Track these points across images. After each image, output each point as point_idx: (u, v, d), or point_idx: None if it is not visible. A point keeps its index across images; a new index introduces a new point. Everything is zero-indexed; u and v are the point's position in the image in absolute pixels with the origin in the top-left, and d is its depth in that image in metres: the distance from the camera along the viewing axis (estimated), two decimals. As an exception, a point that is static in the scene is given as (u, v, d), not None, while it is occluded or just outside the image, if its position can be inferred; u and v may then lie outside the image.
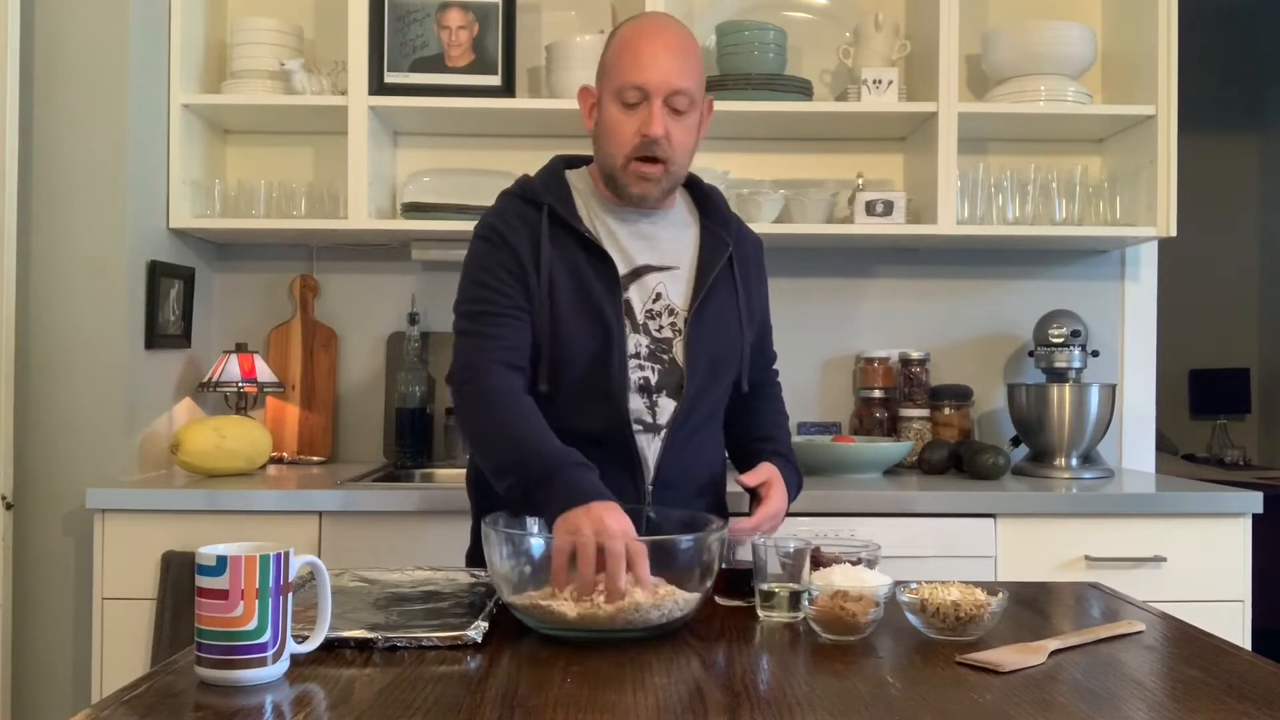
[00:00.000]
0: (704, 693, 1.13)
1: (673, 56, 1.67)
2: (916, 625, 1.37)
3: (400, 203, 2.84)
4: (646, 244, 1.74)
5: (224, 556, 1.14)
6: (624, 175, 1.69)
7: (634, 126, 1.66)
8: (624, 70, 1.67)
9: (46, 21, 2.49)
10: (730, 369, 1.77)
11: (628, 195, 1.71)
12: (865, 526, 2.37)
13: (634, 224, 1.75)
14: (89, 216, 2.49)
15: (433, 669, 1.20)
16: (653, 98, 1.65)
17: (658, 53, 1.66)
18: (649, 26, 1.71)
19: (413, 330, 2.90)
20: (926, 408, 2.89)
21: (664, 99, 1.65)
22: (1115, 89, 2.95)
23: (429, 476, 2.82)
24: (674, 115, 1.67)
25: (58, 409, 2.48)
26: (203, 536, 2.28)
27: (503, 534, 1.37)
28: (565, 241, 1.70)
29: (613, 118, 1.68)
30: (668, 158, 1.68)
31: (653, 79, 1.65)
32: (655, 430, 1.70)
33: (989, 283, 3.04)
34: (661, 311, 1.71)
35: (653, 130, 1.65)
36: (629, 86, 1.66)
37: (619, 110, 1.68)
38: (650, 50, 1.66)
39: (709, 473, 1.80)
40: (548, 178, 1.77)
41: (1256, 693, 1.15)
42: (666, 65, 1.65)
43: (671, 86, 1.65)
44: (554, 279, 1.68)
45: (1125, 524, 2.41)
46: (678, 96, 1.66)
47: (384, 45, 2.75)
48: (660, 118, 1.65)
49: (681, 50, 1.69)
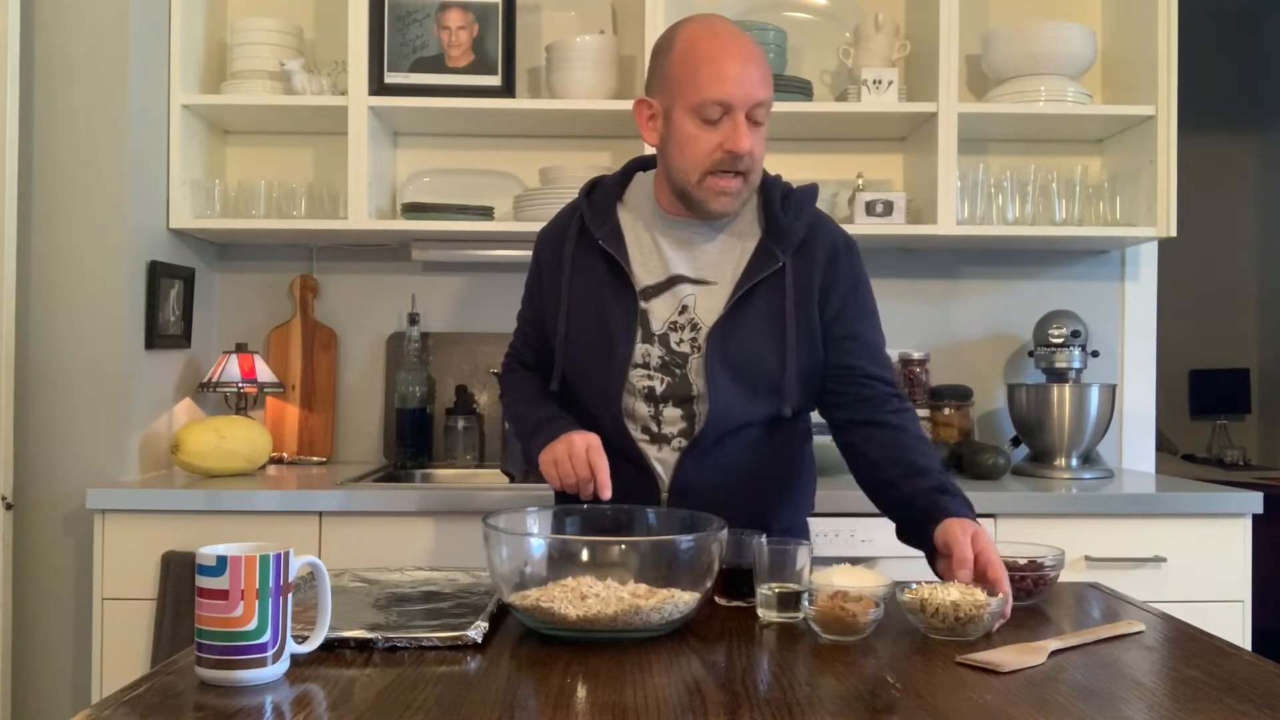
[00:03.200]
0: (704, 693, 1.13)
1: (752, 66, 1.61)
2: (916, 625, 1.37)
3: (400, 203, 2.84)
4: (688, 255, 1.71)
5: (224, 557, 1.14)
6: (700, 191, 1.64)
7: (715, 141, 1.61)
8: (704, 85, 1.60)
9: (46, 21, 2.49)
10: (764, 389, 1.68)
11: (706, 211, 1.66)
12: (865, 526, 2.37)
13: (681, 233, 1.71)
14: (89, 217, 2.49)
15: (433, 669, 1.20)
16: (736, 112, 1.60)
17: (738, 65, 1.60)
18: (721, 36, 1.63)
19: (413, 330, 2.90)
20: (926, 408, 2.89)
21: (747, 113, 1.61)
22: (1115, 89, 2.95)
23: (429, 477, 2.82)
24: (753, 126, 1.62)
25: (58, 409, 2.48)
26: (203, 537, 2.28)
27: (503, 534, 1.37)
28: (590, 248, 1.73)
29: (689, 133, 1.62)
30: (748, 169, 1.64)
31: (738, 94, 1.59)
32: (662, 440, 1.70)
33: (989, 283, 3.04)
34: (685, 325, 1.68)
35: (741, 147, 1.60)
36: (711, 102, 1.60)
37: (697, 126, 1.61)
38: (730, 63, 1.60)
39: (744, 481, 1.72)
40: (612, 177, 1.80)
41: (1256, 693, 1.15)
42: (750, 77, 1.60)
43: (755, 99, 1.61)
44: (571, 289, 1.74)
45: (1125, 524, 2.41)
46: (759, 109, 1.62)
47: (384, 45, 2.75)
48: (747, 133, 1.60)
49: (758, 59, 1.63)
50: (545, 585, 1.33)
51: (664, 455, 1.71)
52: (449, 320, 2.98)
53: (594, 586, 1.31)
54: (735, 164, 1.62)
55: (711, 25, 1.66)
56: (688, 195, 1.66)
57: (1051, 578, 1.54)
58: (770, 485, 1.77)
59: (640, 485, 1.69)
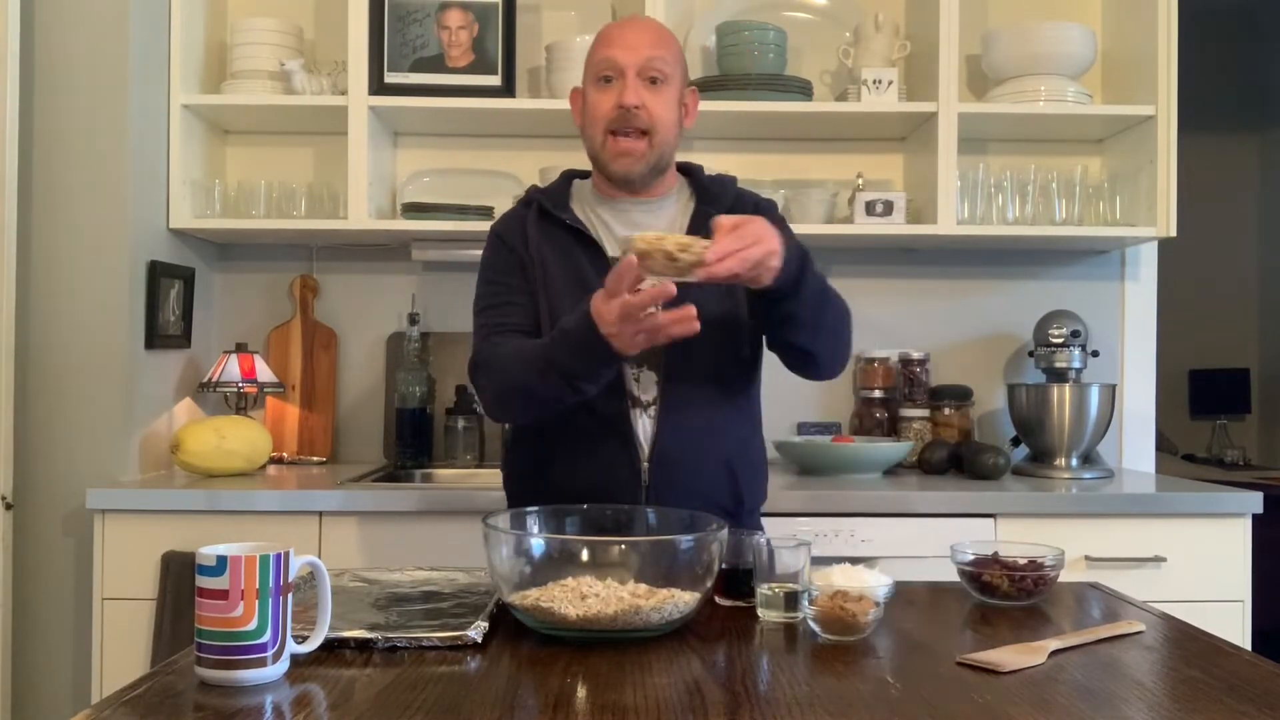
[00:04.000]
0: (704, 693, 1.13)
1: (642, 32, 1.77)
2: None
3: (400, 203, 2.84)
4: (638, 230, 1.75)
5: (224, 556, 1.14)
6: (605, 153, 1.75)
7: (611, 101, 1.72)
8: (596, 51, 1.77)
9: (46, 21, 2.49)
10: (722, 336, 1.75)
11: (612, 173, 1.76)
12: (865, 527, 2.37)
13: (627, 213, 1.80)
14: (89, 216, 2.49)
15: (433, 669, 1.20)
16: (626, 70, 1.72)
17: (626, 31, 1.76)
18: (623, 19, 1.85)
19: (413, 330, 2.90)
20: (926, 408, 2.89)
21: (638, 70, 1.72)
22: (1115, 89, 2.95)
23: (429, 476, 2.82)
24: (650, 86, 1.72)
25: (58, 409, 2.48)
26: (203, 537, 2.28)
27: (503, 534, 1.37)
28: (554, 231, 1.79)
29: (591, 99, 1.76)
30: (648, 127, 1.72)
31: (623, 53, 1.72)
32: (643, 406, 1.75)
33: (989, 283, 3.04)
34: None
35: (627, 98, 1.70)
36: (601, 61, 1.74)
37: (596, 90, 1.75)
38: (619, 30, 1.77)
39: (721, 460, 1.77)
40: (552, 184, 1.87)
41: (1256, 693, 1.15)
42: (637, 39, 1.74)
43: (644, 55, 1.72)
44: (545, 264, 1.77)
45: (1125, 524, 2.41)
46: (652, 66, 1.72)
47: (384, 45, 2.75)
48: (635, 87, 1.71)
49: (653, 29, 1.78)
50: (545, 585, 1.33)
51: (643, 422, 1.74)
52: (449, 320, 2.98)
53: (594, 586, 1.31)
54: (629, 119, 1.71)
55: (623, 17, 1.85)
56: (599, 162, 1.77)
57: (1051, 578, 1.54)
58: (737, 457, 1.80)
59: (621, 457, 1.72)
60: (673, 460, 1.72)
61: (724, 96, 2.72)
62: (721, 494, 1.77)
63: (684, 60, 1.81)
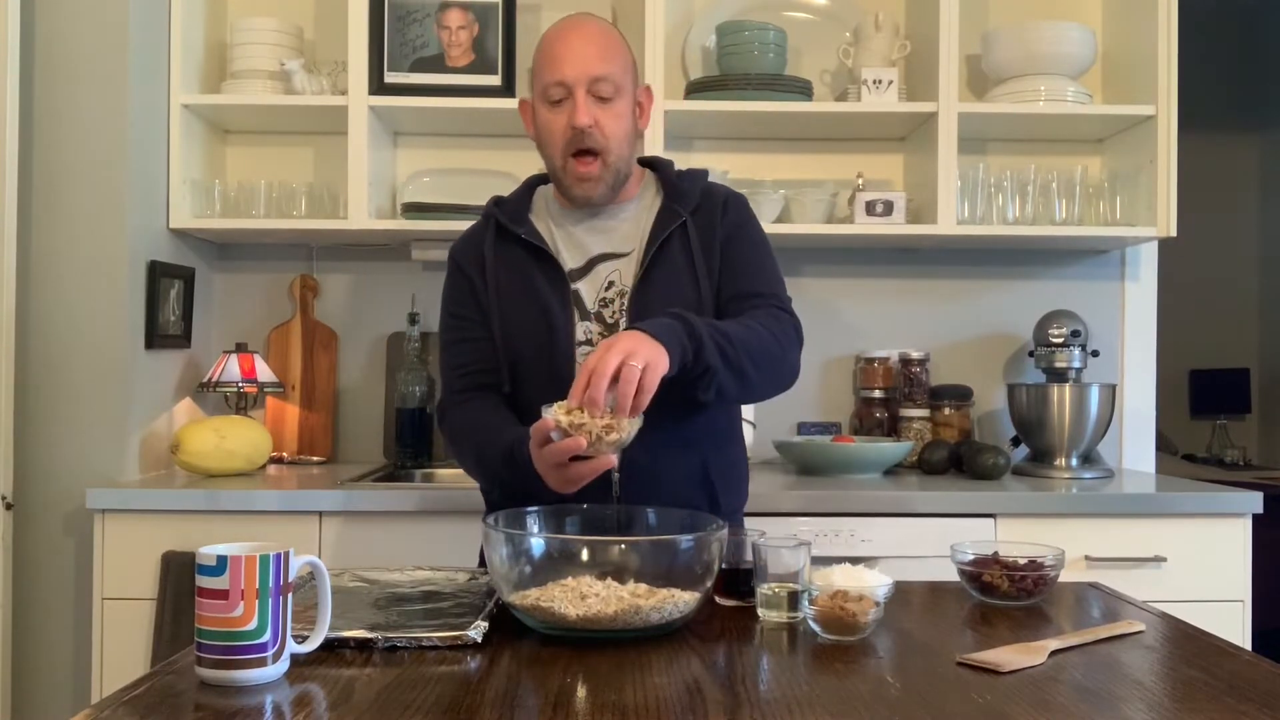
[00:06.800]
0: (704, 693, 1.13)
1: (588, 45, 1.69)
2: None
3: (400, 203, 2.84)
4: (603, 236, 1.76)
5: (224, 556, 1.14)
6: (566, 177, 1.72)
7: (563, 121, 1.68)
8: (544, 70, 1.70)
9: (46, 21, 2.49)
10: None
11: (573, 198, 1.73)
12: (865, 527, 2.37)
13: (591, 220, 1.78)
14: (89, 216, 2.49)
15: (433, 669, 1.20)
16: (575, 90, 1.67)
17: (572, 45, 1.69)
18: (564, 25, 1.74)
19: (413, 330, 2.90)
20: (926, 408, 2.89)
21: (586, 88, 1.67)
22: (1115, 89, 2.95)
23: (429, 476, 2.82)
24: (600, 103, 1.68)
25: (58, 409, 2.48)
26: (203, 536, 2.29)
27: (503, 534, 1.37)
28: (511, 248, 1.77)
29: (543, 119, 1.72)
30: (601, 147, 1.69)
31: (569, 72, 1.67)
32: None
33: (989, 283, 3.04)
34: (614, 298, 1.73)
35: (579, 119, 1.66)
36: (551, 84, 1.68)
37: (548, 110, 1.70)
38: (564, 45, 1.69)
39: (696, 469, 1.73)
40: (514, 194, 1.84)
41: (1256, 693, 1.15)
42: (582, 54, 1.67)
43: (590, 74, 1.67)
44: (500, 285, 1.75)
45: (1125, 524, 2.41)
46: (600, 83, 1.68)
47: (384, 45, 2.75)
48: (585, 107, 1.67)
49: (598, 39, 1.70)
50: (545, 585, 1.33)
51: None
52: (449, 320, 2.97)
53: (594, 586, 1.31)
54: (582, 140, 1.68)
55: (565, 19, 1.76)
56: (560, 184, 1.74)
57: (1051, 578, 1.54)
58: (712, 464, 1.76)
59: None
60: (647, 474, 1.66)
61: (724, 96, 2.72)
62: (698, 503, 1.71)
63: (634, 64, 1.76)
